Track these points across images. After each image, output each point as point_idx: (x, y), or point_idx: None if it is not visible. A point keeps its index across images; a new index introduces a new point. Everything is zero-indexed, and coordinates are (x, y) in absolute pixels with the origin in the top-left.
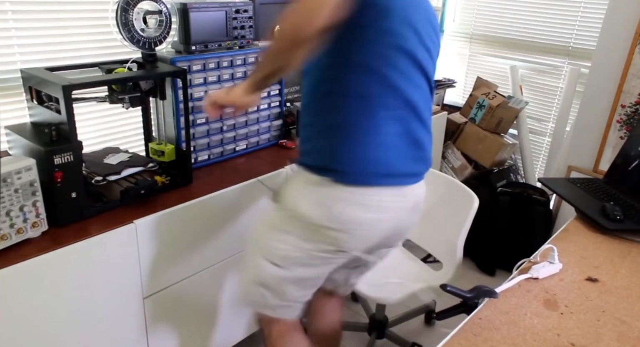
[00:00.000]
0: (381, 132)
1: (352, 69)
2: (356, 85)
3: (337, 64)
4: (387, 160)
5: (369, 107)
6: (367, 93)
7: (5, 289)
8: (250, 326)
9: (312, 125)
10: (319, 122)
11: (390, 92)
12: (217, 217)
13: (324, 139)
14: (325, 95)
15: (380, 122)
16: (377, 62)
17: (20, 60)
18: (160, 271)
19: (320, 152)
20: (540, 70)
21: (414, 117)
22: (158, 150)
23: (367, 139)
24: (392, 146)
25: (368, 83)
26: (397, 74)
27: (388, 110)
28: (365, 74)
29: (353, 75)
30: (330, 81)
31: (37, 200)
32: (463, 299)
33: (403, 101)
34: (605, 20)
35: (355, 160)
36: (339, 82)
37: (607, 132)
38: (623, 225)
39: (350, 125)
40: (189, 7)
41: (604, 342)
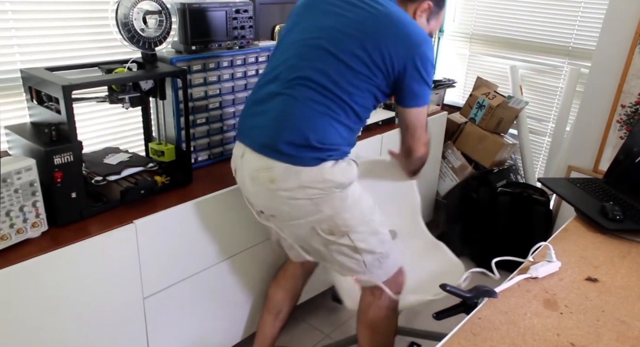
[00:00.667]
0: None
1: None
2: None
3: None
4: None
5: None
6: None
7: (5, 289)
8: (250, 326)
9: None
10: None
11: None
12: (217, 217)
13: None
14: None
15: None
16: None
17: (20, 60)
18: (160, 271)
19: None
20: (540, 70)
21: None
22: (158, 150)
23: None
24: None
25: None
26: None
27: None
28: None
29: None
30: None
31: (37, 200)
32: (462, 298)
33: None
34: (605, 20)
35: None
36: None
37: (607, 132)
38: (623, 225)
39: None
40: (188, 7)
41: (603, 342)
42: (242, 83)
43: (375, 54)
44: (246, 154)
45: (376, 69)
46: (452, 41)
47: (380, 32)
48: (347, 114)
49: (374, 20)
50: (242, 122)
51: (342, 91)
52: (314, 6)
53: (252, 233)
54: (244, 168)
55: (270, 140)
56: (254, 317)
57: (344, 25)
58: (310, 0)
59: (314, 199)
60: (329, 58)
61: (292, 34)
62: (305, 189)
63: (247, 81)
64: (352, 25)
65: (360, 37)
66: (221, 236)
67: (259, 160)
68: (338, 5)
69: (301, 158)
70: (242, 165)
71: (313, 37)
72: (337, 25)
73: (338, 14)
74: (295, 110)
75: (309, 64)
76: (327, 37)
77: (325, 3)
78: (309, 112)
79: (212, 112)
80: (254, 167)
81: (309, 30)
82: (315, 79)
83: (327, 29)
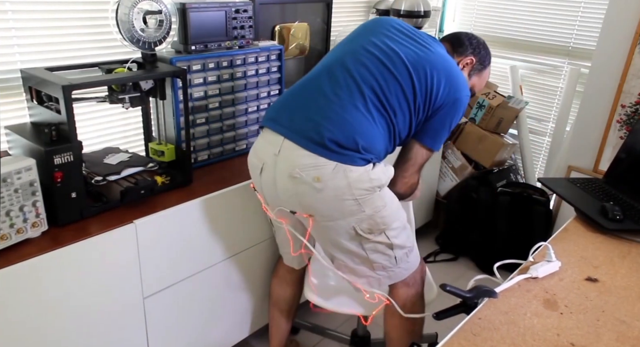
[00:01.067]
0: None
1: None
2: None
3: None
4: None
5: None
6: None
7: (5, 289)
8: (250, 326)
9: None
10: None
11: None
12: (217, 217)
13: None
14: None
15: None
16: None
17: (20, 60)
18: (160, 271)
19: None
20: (540, 70)
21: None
22: (158, 150)
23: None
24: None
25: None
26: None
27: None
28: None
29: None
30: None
31: (37, 200)
32: (463, 299)
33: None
34: (605, 20)
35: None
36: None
37: (607, 132)
38: (623, 225)
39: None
40: (188, 7)
41: (603, 342)
42: (242, 83)
43: (426, 84)
44: (284, 150)
45: (422, 98)
46: None
47: (434, 68)
48: (390, 132)
49: (428, 57)
50: (279, 110)
51: (391, 108)
52: (374, 30)
53: (252, 233)
54: (280, 166)
55: (316, 135)
56: (255, 317)
57: (403, 52)
58: (371, 25)
59: (358, 199)
60: (387, 74)
61: (354, 42)
62: (352, 188)
63: (246, 81)
64: (410, 55)
65: (417, 67)
66: (221, 236)
67: (306, 158)
68: (397, 35)
69: (350, 157)
70: (276, 163)
71: (375, 51)
72: (397, 49)
73: (398, 42)
74: (347, 114)
75: (368, 73)
76: (387, 55)
77: (386, 29)
78: (361, 119)
79: (212, 112)
80: (298, 164)
81: (371, 44)
82: (371, 88)
83: (388, 50)
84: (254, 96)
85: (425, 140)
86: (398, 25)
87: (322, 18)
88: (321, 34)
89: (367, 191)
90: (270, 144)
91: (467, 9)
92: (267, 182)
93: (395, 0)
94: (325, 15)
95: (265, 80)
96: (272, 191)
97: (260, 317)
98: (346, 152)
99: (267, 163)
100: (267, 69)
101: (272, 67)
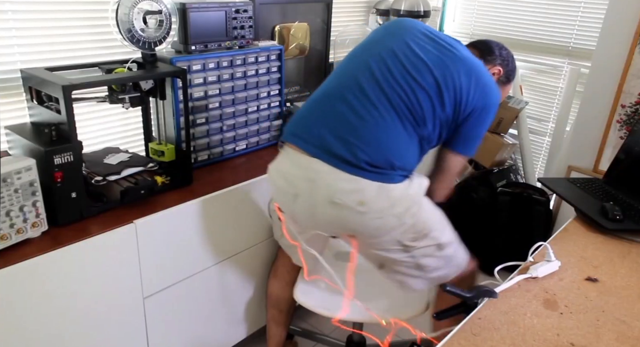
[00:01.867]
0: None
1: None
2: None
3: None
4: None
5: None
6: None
7: (5, 289)
8: (249, 326)
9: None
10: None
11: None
12: (217, 217)
13: None
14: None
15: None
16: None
17: (20, 60)
18: (160, 271)
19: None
20: (540, 70)
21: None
22: (158, 150)
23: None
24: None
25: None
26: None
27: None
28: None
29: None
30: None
31: (37, 200)
32: (462, 299)
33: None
34: (605, 20)
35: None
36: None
37: (607, 132)
38: (623, 225)
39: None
40: (188, 7)
41: (603, 342)
42: (242, 83)
43: (455, 92)
44: (321, 174)
45: (451, 107)
46: None
47: (462, 72)
48: (421, 144)
49: (455, 62)
50: (304, 125)
51: (422, 120)
52: (398, 33)
53: (252, 233)
54: (319, 193)
55: (351, 157)
56: (255, 317)
57: (429, 59)
58: (394, 28)
59: (399, 215)
60: (415, 84)
61: (378, 47)
62: (395, 207)
63: (246, 81)
64: (437, 61)
65: (445, 74)
66: (221, 236)
67: (346, 182)
68: (422, 39)
69: (389, 175)
70: (314, 190)
71: (402, 58)
72: (423, 56)
73: (423, 47)
74: (381, 133)
75: (397, 85)
76: (413, 64)
77: (411, 33)
78: (395, 137)
79: (212, 112)
80: (339, 190)
81: (397, 50)
82: (402, 101)
83: (414, 57)
84: (254, 96)
85: (458, 148)
86: (423, 28)
87: (322, 18)
88: (321, 34)
89: (407, 208)
90: (301, 167)
91: (467, 9)
92: (304, 210)
93: (395, 0)
94: (325, 15)
95: (265, 80)
96: (309, 217)
97: (260, 318)
98: (384, 171)
99: (303, 190)
100: (267, 69)
101: (272, 67)
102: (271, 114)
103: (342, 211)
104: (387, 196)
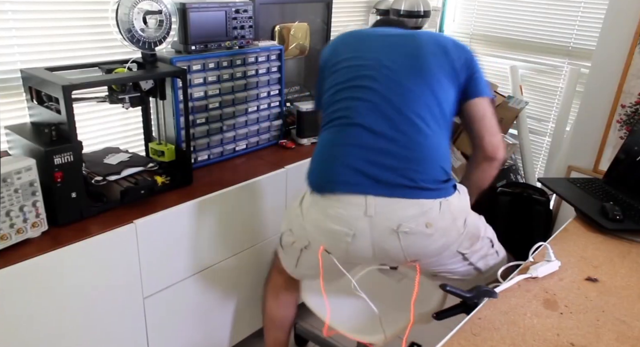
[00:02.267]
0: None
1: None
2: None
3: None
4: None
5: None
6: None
7: (5, 289)
8: (250, 326)
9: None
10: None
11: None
12: (217, 217)
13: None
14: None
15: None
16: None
17: (20, 60)
18: (160, 271)
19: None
20: (540, 70)
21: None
22: (158, 150)
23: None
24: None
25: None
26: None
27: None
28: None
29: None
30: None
31: (37, 200)
32: (462, 299)
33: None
34: (605, 20)
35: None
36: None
37: (607, 132)
38: (623, 225)
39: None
40: (188, 7)
41: (603, 342)
42: (242, 83)
43: (446, 61)
44: (379, 207)
45: (452, 73)
46: None
47: (428, 43)
48: (447, 133)
49: (417, 37)
50: (336, 171)
51: (443, 112)
52: (364, 45)
53: (252, 233)
54: (380, 226)
55: (408, 181)
56: (255, 317)
57: (398, 48)
58: (354, 41)
59: (459, 227)
60: (423, 87)
61: (359, 71)
62: (456, 220)
63: (246, 81)
64: (400, 49)
65: (429, 58)
66: (221, 236)
67: (410, 208)
68: (385, 38)
69: (446, 188)
70: (373, 224)
71: (392, 69)
72: (404, 52)
73: (386, 42)
74: (423, 148)
75: (408, 94)
76: (403, 69)
77: (369, 40)
78: (433, 143)
79: (212, 112)
80: (404, 217)
81: (385, 62)
82: (428, 107)
83: (405, 57)
84: (254, 96)
85: (485, 91)
86: (373, 31)
87: (322, 18)
88: (321, 34)
89: (464, 218)
90: (354, 205)
91: (467, 9)
92: (362, 247)
93: (395, 0)
94: (325, 15)
95: (265, 80)
96: (368, 253)
97: (261, 317)
98: (441, 186)
99: (361, 228)
100: (267, 69)
101: (272, 67)
102: (271, 114)
103: (409, 237)
104: (449, 210)
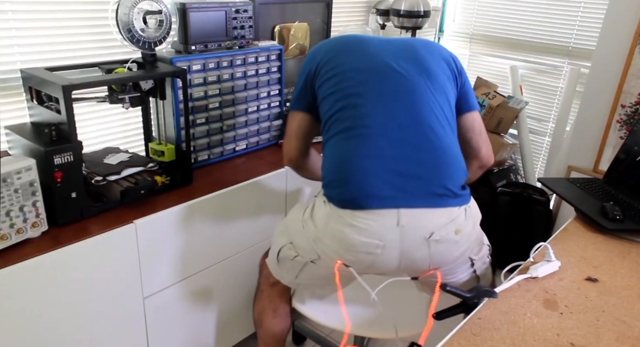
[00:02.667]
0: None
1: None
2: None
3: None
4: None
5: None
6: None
7: (5, 289)
8: (250, 326)
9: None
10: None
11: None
12: (217, 217)
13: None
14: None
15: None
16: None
17: (20, 60)
18: (160, 271)
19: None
20: (540, 70)
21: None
22: (158, 150)
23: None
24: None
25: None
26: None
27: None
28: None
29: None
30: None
31: (37, 200)
32: (462, 299)
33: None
34: (605, 20)
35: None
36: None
37: (607, 132)
38: (623, 225)
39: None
40: (188, 7)
41: (603, 342)
42: (242, 83)
43: (446, 66)
44: (409, 218)
45: (452, 79)
46: (452, 41)
47: (427, 50)
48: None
49: (415, 44)
50: (381, 184)
51: (453, 115)
52: (359, 50)
53: (252, 232)
54: (410, 236)
55: (439, 188)
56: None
57: (401, 54)
58: (359, 40)
59: (476, 233)
60: (434, 91)
61: (378, 64)
62: (475, 226)
63: (246, 81)
64: (403, 54)
65: (432, 64)
66: (221, 236)
67: (440, 217)
68: (379, 43)
69: (468, 194)
70: (403, 235)
71: (415, 69)
72: (408, 57)
73: (389, 48)
74: (447, 155)
75: (428, 98)
76: (416, 69)
77: (365, 45)
78: (453, 147)
79: (212, 112)
80: (435, 226)
81: (398, 64)
82: (442, 110)
83: (411, 62)
84: (254, 96)
85: (473, 106)
86: (370, 37)
87: (322, 18)
88: (321, 34)
89: (478, 224)
90: (386, 216)
91: (467, 9)
92: (390, 258)
93: (395, 0)
94: (325, 15)
95: (265, 80)
96: (393, 265)
97: None
98: (464, 192)
99: (391, 239)
100: (267, 69)
101: (272, 67)
102: (271, 114)
103: (439, 245)
104: (471, 215)
